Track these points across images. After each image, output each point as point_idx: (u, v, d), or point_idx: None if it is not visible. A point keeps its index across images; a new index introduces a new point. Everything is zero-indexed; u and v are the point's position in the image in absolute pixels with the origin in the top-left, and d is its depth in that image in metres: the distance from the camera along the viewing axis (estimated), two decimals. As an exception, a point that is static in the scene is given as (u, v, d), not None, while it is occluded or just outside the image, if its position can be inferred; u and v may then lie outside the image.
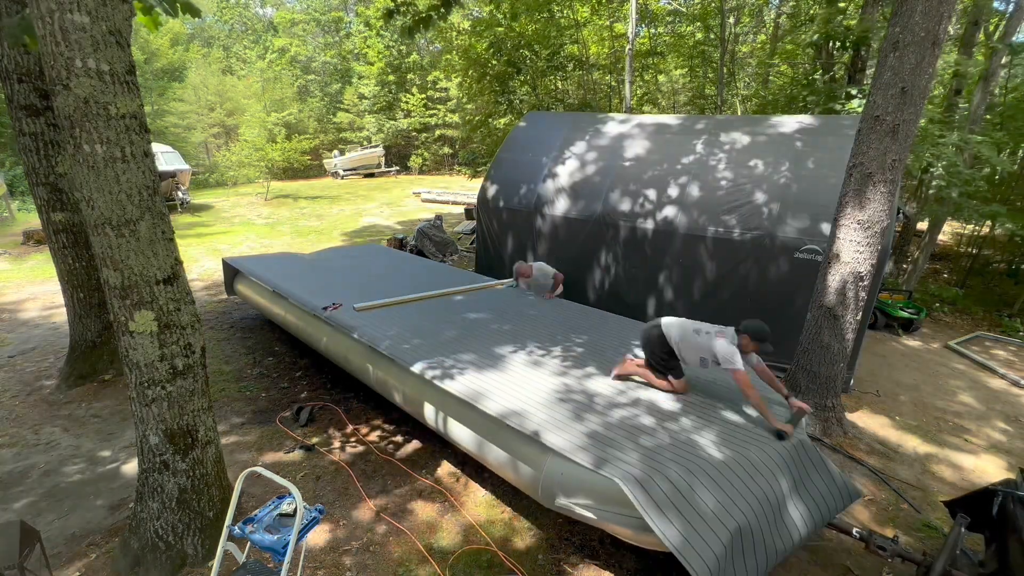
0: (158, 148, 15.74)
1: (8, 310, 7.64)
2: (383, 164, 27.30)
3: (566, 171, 7.51)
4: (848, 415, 5.09)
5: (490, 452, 3.35)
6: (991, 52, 8.74)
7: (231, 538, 2.42)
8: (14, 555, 2.61)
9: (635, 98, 16.57)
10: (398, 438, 4.57)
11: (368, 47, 29.22)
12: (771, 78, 15.48)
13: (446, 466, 4.19)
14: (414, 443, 4.50)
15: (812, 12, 12.44)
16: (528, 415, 3.20)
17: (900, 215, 8.68)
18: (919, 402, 5.65)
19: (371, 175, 26.45)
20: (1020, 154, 10.81)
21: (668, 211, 6.49)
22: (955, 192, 7.90)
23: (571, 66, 18.29)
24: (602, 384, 3.72)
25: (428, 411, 3.85)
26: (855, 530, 3.16)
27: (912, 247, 10.60)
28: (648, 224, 6.57)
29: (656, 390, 3.64)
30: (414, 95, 27.72)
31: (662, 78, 20.56)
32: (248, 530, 2.37)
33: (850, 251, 4.49)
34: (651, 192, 6.71)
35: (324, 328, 5.07)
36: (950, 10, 3.99)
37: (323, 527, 3.47)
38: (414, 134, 28.70)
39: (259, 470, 2.43)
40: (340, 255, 8.12)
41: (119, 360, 4.42)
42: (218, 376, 5.59)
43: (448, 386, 3.59)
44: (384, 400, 4.75)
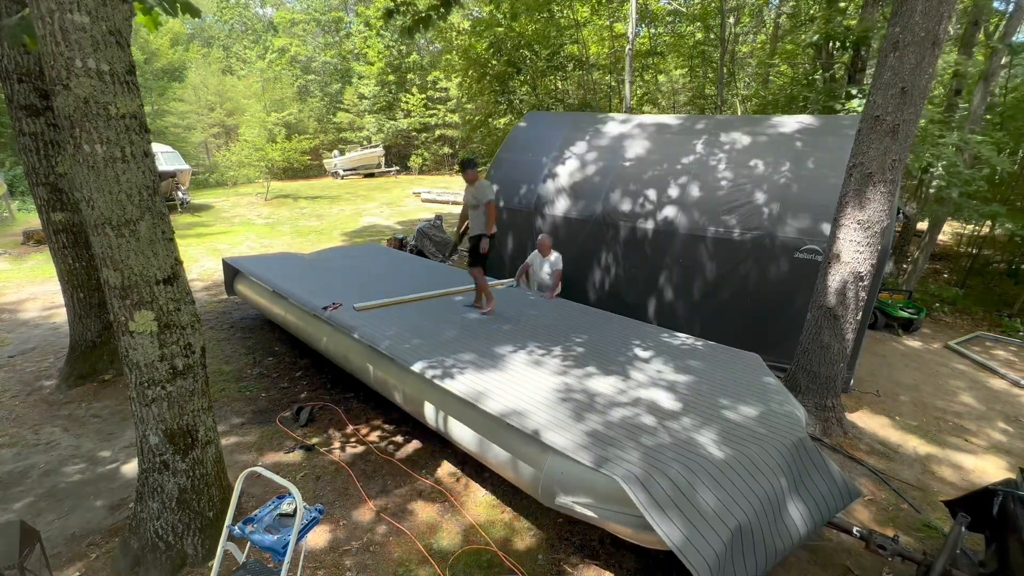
0: (158, 148, 15.74)
1: (8, 310, 7.64)
2: (383, 164, 27.29)
3: (566, 171, 7.51)
4: (848, 415, 5.09)
5: (490, 451, 3.35)
6: (991, 52, 8.74)
7: (231, 538, 2.42)
8: (14, 555, 2.61)
9: (635, 98, 16.58)
10: (398, 438, 4.57)
11: (368, 47, 29.22)
12: (771, 78, 15.49)
13: (446, 466, 4.19)
14: (414, 443, 4.50)
15: (812, 12, 12.44)
16: (528, 414, 3.20)
17: (900, 215, 8.68)
18: (919, 402, 5.65)
19: (371, 175, 26.44)
20: (1020, 154, 10.81)
21: (668, 211, 6.49)
22: (955, 192, 7.90)
23: (571, 66, 18.30)
24: (602, 383, 3.72)
25: (428, 411, 3.85)
26: (855, 529, 3.16)
27: (912, 247, 10.60)
28: (648, 224, 6.57)
29: (656, 389, 3.64)
30: (414, 95, 27.71)
31: (662, 78, 20.57)
32: (248, 530, 2.37)
33: (850, 251, 4.49)
34: (651, 192, 6.71)
35: (324, 328, 5.07)
36: (950, 10, 4.00)
37: (323, 527, 3.47)
38: (414, 134, 28.70)
39: (259, 470, 2.43)
40: (340, 255, 8.12)
41: (119, 360, 4.42)
42: (218, 376, 5.59)
43: (448, 385, 3.59)
44: (384, 400, 4.75)
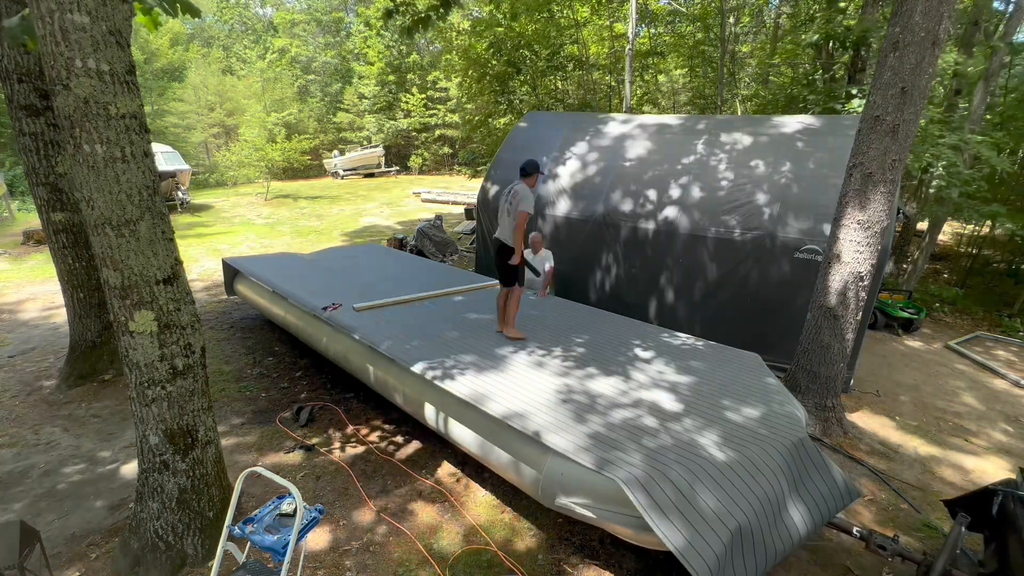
0: (158, 148, 15.74)
1: (8, 310, 7.64)
2: (383, 164, 27.29)
3: (566, 171, 7.51)
4: (848, 415, 5.09)
5: (491, 452, 3.35)
6: (991, 52, 8.73)
7: (231, 538, 2.42)
8: (14, 555, 2.60)
9: (635, 98, 16.58)
10: (398, 438, 4.57)
11: (368, 47, 29.22)
12: (771, 78, 15.49)
13: (446, 466, 4.19)
14: (414, 443, 4.50)
15: (812, 12, 12.44)
16: (529, 416, 3.20)
17: (900, 215, 8.68)
18: (919, 402, 5.65)
19: (371, 175, 26.44)
20: (1020, 154, 10.81)
21: (669, 211, 6.49)
22: (955, 192, 7.90)
23: (571, 66, 18.31)
24: (602, 384, 3.72)
25: (428, 411, 3.85)
26: (855, 529, 3.16)
27: (912, 247, 10.60)
28: (649, 224, 6.57)
29: (657, 390, 3.65)
30: (414, 95, 27.71)
31: (662, 78, 20.58)
32: (248, 530, 2.37)
33: (850, 251, 4.49)
34: (652, 192, 6.70)
35: (324, 328, 5.07)
36: (950, 10, 4.00)
37: (323, 527, 3.47)
38: (414, 134, 28.70)
39: (259, 470, 2.43)
40: (340, 255, 8.12)
41: (119, 360, 4.42)
42: (218, 376, 5.59)
43: (449, 386, 3.59)
44: (384, 400, 4.75)
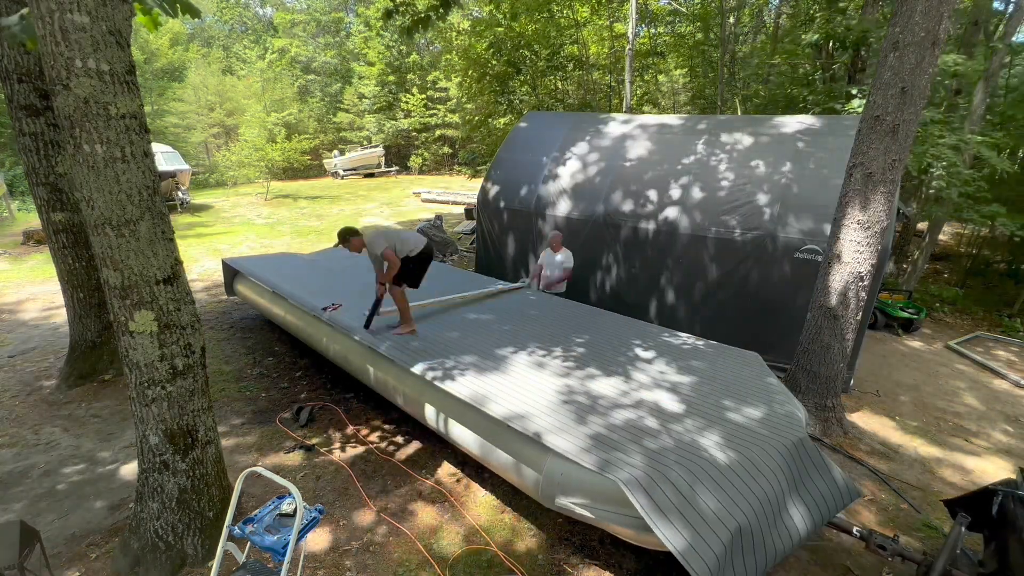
0: (158, 148, 15.73)
1: (8, 310, 7.64)
2: (383, 164, 27.29)
3: (567, 172, 7.51)
4: (848, 415, 5.09)
5: (490, 453, 3.35)
6: (991, 52, 8.73)
7: (231, 538, 2.42)
8: (14, 555, 2.61)
9: (635, 98, 16.58)
10: (398, 438, 4.57)
11: (368, 47, 29.22)
12: (771, 78, 15.49)
13: (446, 466, 4.19)
14: (414, 443, 4.50)
15: (812, 12, 12.44)
16: (529, 417, 3.20)
17: (900, 215, 8.68)
18: (919, 402, 5.65)
19: (371, 175, 26.44)
20: (1020, 154, 10.81)
21: (669, 212, 6.48)
22: (955, 192, 7.90)
23: (571, 66, 18.32)
24: (603, 384, 3.72)
25: (429, 412, 3.85)
26: (855, 529, 3.16)
27: (912, 247, 10.60)
28: (649, 225, 6.57)
29: (657, 390, 3.65)
30: (414, 95, 27.71)
31: (662, 78, 20.58)
32: (248, 530, 2.37)
33: (850, 251, 4.49)
34: (652, 193, 6.70)
35: (324, 328, 5.07)
36: (950, 10, 4.00)
37: (323, 527, 3.47)
38: (414, 134, 28.70)
39: (259, 470, 2.43)
40: (340, 255, 8.09)
41: (119, 360, 4.41)
42: (218, 376, 5.58)
43: (449, 387, 3.58)
44: (384, 400, 4.74)
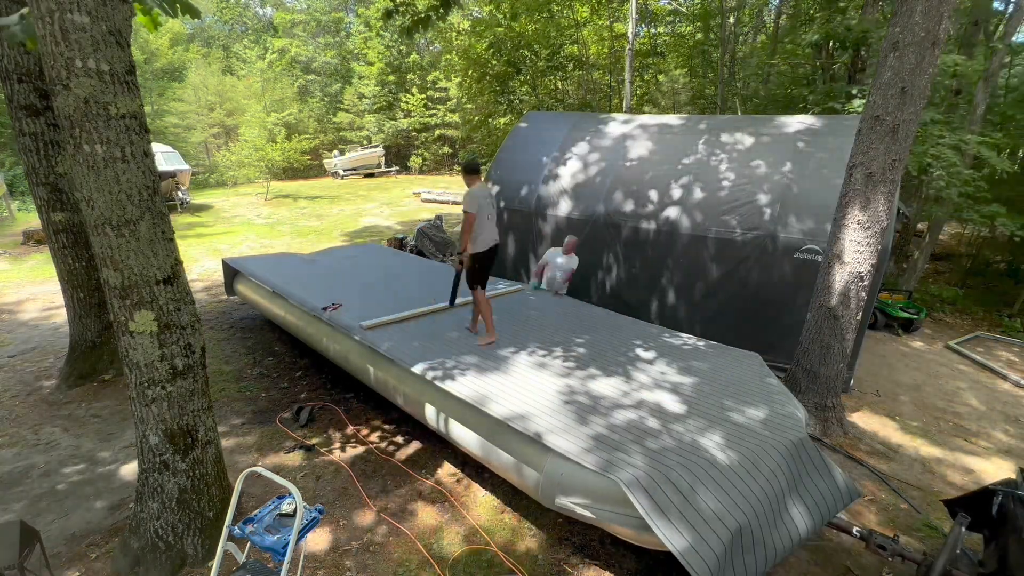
0: (158, 148, 15.73)
1: (8, 310, 7.64)
2: (383, 164, 27.28)
3: (567, 171, 7.51)
4: (848, 415, 5.09)
5: (491, 453, 3.35)
6: (991, 52, 8.73)
7: (231, 538, 2.42)
8: (14, 555, 2.61)
9: (635, 98, 16.57)
10: (398, 438, 4.57)
11: (368, 47, 29.22)
12: (771, 78, 15.49)
13: (446, 466, 4.19)
14: (414, 443, 4.49)
15: (812, 12, 12.45)
16: (530, 417, 3.20)
17: (900, 215, 8.68)
18: (919, 402, 5.65)
19: (371, 175, 26.43)
20: (1020, 154, 10.80)
21: (670, 212, 6.48)
22: (955, 192, 7.90)
23: (571, 66, 18.31)
24: (603, 384, 3.72)
25: (429, 412, 3.85)
26: (855, 529, 3.16)
27: (912, 247, 10.60)
28: (650, 225, 6.57)
29: (657, 390, 3.65)
30: (414, 95, 27.71)
31: (662, 78, 20.57)
32: (248, 530, 2.37)
33: (850, 251, 4.49)
34: (652, 193, 6.70)
35: (324, 328, 5.06)
36: (950, 10, 4.00)
37: (323, 527, 3.47)
38: (414, 134, 28.70)
39: (259, 470, 2.43)
40: (340, 255, 8.11)
41: (119, 360, 4.41)
42: (218, 376, 5.58)
43: (450, 387, 3.58)
44: (384, 400, 4.74)
